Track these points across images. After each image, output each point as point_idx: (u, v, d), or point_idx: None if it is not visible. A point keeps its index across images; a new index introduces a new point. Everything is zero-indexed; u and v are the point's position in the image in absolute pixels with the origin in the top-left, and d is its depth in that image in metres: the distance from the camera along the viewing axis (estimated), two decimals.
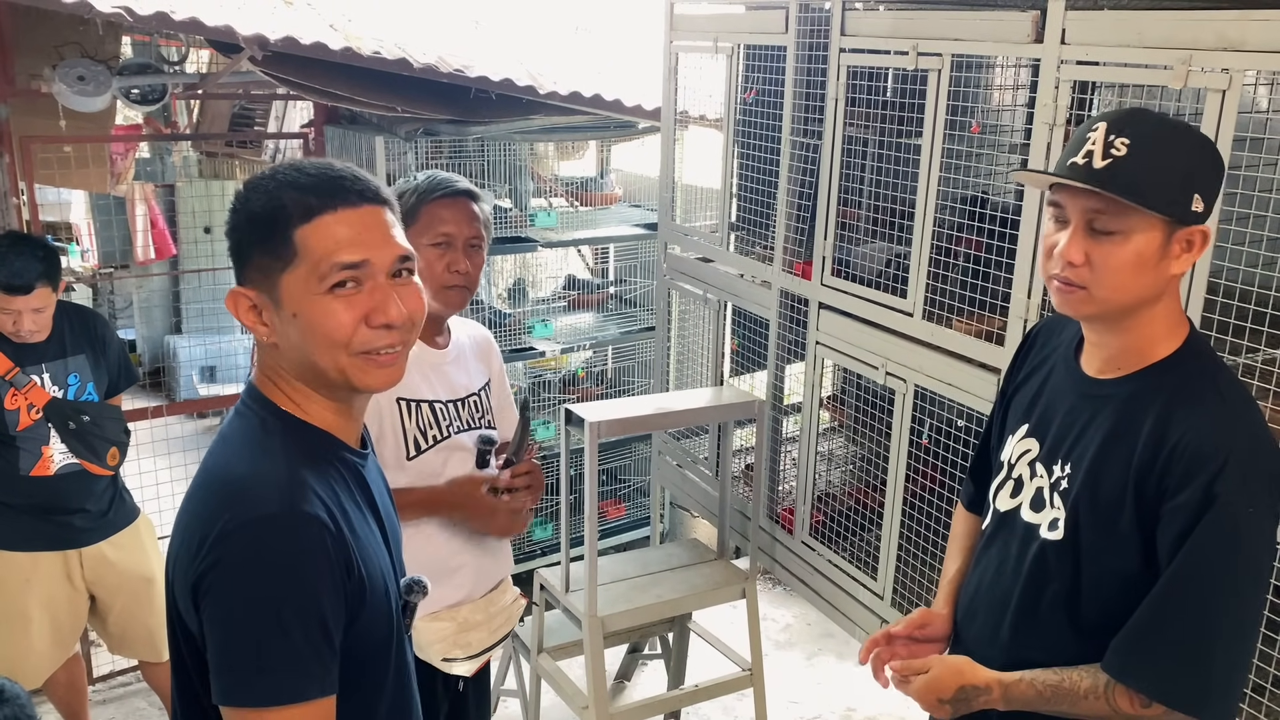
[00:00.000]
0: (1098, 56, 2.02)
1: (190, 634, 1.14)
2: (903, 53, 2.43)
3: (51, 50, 3.47)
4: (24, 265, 2.58)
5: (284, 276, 1.15)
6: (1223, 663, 1.33)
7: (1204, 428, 1.32)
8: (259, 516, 1.10)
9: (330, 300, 1.15)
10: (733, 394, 3.16)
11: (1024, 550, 1.51)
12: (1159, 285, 1.36)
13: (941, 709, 1.50)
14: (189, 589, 1.11)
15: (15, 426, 2.68)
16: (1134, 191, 1.30)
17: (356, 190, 1.18)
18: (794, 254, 2.94)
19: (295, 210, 1.15)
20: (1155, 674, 1.34)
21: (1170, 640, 1.33)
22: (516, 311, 4.30)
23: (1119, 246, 1.34)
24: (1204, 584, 1.32)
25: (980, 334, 2.35)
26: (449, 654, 2.05)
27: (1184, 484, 1.31)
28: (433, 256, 2.00)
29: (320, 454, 1.20)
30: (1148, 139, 1.32)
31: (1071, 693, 1.40)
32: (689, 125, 3.49)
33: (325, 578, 1.11)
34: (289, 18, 3.46)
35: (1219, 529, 1.29)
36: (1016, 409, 1.61)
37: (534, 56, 3.94)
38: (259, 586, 1.08)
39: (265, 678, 1.08)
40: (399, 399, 1.97)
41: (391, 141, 3.75)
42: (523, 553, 4.17)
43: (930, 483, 2.59)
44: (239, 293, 1.19)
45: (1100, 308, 1.39)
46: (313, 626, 1.10)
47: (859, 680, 3.72)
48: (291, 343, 1.18)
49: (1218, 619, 1.32)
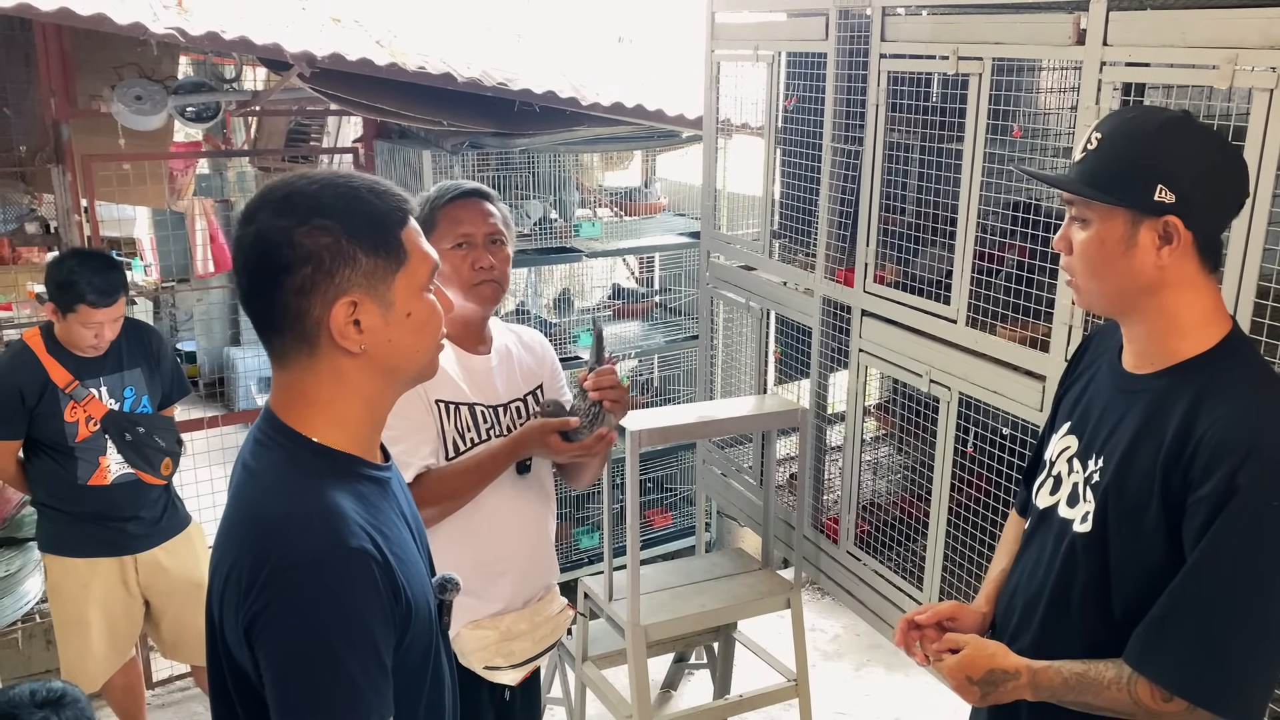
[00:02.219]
0: (1141, 58, 1.98)
1: (237, 668, 1.16)
2: (944, 57, 2.41)
3: (111, 71, 3.58)
4: (112, 278, 2.70)
5: (398, 277, 1.19)
6: (1245, 658, 1.32)
7: (1230, 420, 1.31)
8: (306, 557, 1.10)
9: (429, 298, 1.23)
10: (775, 403, 3.15)
11: (1057, 544, 1.52)
12: (1139, 275, 1.38)
13: (970, 689, 1.50)
14: (241, 630, 1.13)
15: (75, 438, 2.77)
16: (1091, 182, 1.38)
17: (408, 198, 1.24)
18: (836, 261, 2.92)
19: (395, 214, 1.20)
20: (1174, 666, 1.33)
21: (1189, 633, 1.32)
22: (563, 321, 4.32)
23: (1087, 234, 1.42)
24: (1224, 577, 1.30)
25: (1025, 341, 2.32)
26: (491, 662, 2.05)
27: (1207, 475, 1.30)
28: (456, 259, 2.01)
29: (353, 478, 1.21)
30: (1115, 133, 1.39)
31: (1096, 682, 1.39)
32: (731, 134, 3.49)
33: (376, 609, 1.13)
34: (336, 35, 3.53)
35: (1241, 521, 1.28)
36: (1063, 410, 1.63)
37: (576, 68, 3.97)
38: (313, 627, 1.09)
39: (327, 716, 1.10)
40: (438, 400, 1.98)
41: (439, 155, 3.80)
42: (569, 561, 4.18)
43: (977, 492, 2.55)
44: (345, 302, 1.15)
45: (1087, 297, 1.46)
46: (369, 659, 1.11)
47: (907, 692, 3.67)
48: (395, 344, 1.20)
49: (1238, 613, 1.31)
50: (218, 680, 1.21)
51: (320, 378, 1.19)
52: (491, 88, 3.50)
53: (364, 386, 1.21)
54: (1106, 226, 1.38)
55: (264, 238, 1.15)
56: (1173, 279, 1.38)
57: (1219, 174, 1.37)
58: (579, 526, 4.30)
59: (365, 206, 1.18)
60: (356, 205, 1.17)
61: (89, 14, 2.93)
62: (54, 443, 2.77)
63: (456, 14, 4.31)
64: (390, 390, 1.25)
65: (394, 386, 1.26)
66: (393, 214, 1.20)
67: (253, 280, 1.18)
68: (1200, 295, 1.40)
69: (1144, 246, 1.36)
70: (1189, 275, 1.38)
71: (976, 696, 1.50)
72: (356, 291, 1.16)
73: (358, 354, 1.18)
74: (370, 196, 1.19)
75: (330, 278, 1.15)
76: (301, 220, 1.14)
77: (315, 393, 1.20)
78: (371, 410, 1.24)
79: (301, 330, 1.17)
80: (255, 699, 1.15)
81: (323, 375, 1.19)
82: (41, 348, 2.75)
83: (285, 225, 1.15)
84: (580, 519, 4.34)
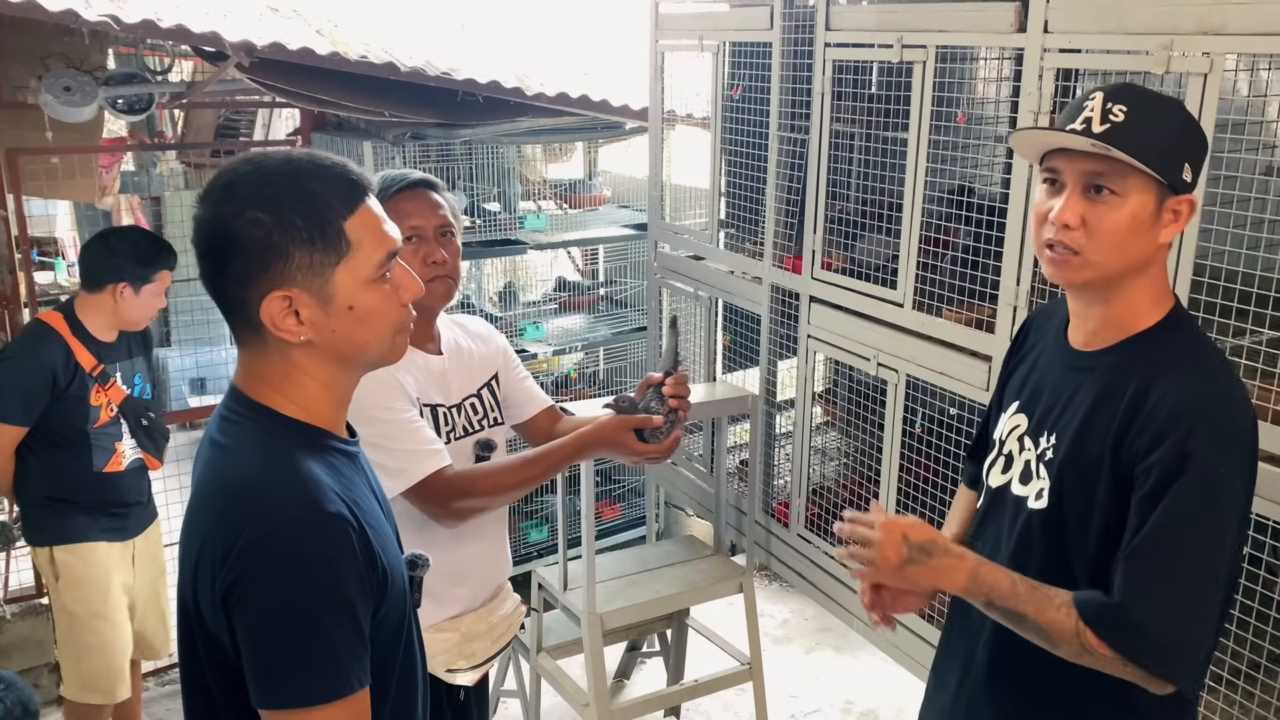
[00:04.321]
0: (1080, 44, 2.04)
1: (212, 642, 1.14)
2: (887, 46, 2.45)
3: (37, 61, 3.46)
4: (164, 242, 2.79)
5: (338, 270, 1.15)
6: (1192, 625, 1.34)
7: (1179, 391, 1.34)
8: (284, 522, 1.10)
9: (380, 287, 1.18)
10: (726, 390, 3.18)
11: (1013, 522, 1.53)
12: (1149, 252, 1.39)
13: (899, 550, 1.40)
14: (218, 600, 1.11)
15: (94, 423, 2.71)
16: (1136, 152, 1.32)
17: (366, 180, 1.21)
18: (784, 249, 2.96)
19: (340, 202, 1.15)
20: (1126, 632, 1.33)
21: (1142, 601, 1.33)
22: (508, 315, 4.31)
23: (1115, 209, 1.36)
24: (1176, 542, 1.32)
25: (970, 323, 2.37)
26: (453, 664, 2.03)
27: (1155, 444, 1.33)
28: (405, 254, 1.92)
29: (323, 449, 1.20)
30: (1144, 107, 1.36)
31: (1046, 598, 1.37)
32: (676, 124, 3.51)
33: (354, 575, 1.12)
34: (275, 24, 3.46)
35: (1192, 488, 1.31)
36: (1010, 389, 1.64)
37: (520, 58, 3.95)
38: (292, 591, 1.09)
39: (306, 679, 1.09)
40: (416, 399, 1.94)
41: (379, 146, 3.75)
42: (519, 555, 4.17)
43: (924, 471, 2.61)
44: (278, 295, 1.13)
45: (1094, 272, 1.40)
46: (347, 623, 1.11)
47: (856, 673, 3.73)
48: (340, 335, 1.17)
49: (1188, 578, 1.33)
50: (191, 666, 1.19)
51: (271, 361, 1.19)
52: (435, 77, 3.47)
53: (317, 371, 1.20)
54: (1141, 200, 1.35)
55: (204, 224, 1.16)
56: (1159, 257, 1.41)
57: (1204, 158, 1.42)
58: (527, 520, 4.29)
59: (306, 195, 1.14)
60: (296, 194, 1.13)
61: (19, 0, 2.83)
62: (70, 430, 2.68)
63: (398, 3, 4.26)
64: (347, 374, 1.24)
65: (349, 371, 1.24)
66: (338, 201, 1.15)
67: (201, 266, 1.18)
68: (1163, 273, 1.44)
69: (1161, 224, 1.37)
70: (1165, 253, 1.42)
71: (901, 557, 1.41)
72: (290, 285, 1.14)
73: (300, 344, 1.17)
74: (315, 183, 1.15)
75: (265, 270, 1.13)
76: (238, 211, 1.13)
77: (270, 375, 1.20)
78: (331, 390, 1.22)
79: (245, 318, 1.17)
80: (232, 680, 1.13)
81: (273, 360, 1.19)
82: (66, 329, 2.67)
83: (224, 214, 1.14)
84: (529, 512, 4.32)
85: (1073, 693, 1.46)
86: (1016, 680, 1.53)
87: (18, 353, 2.67)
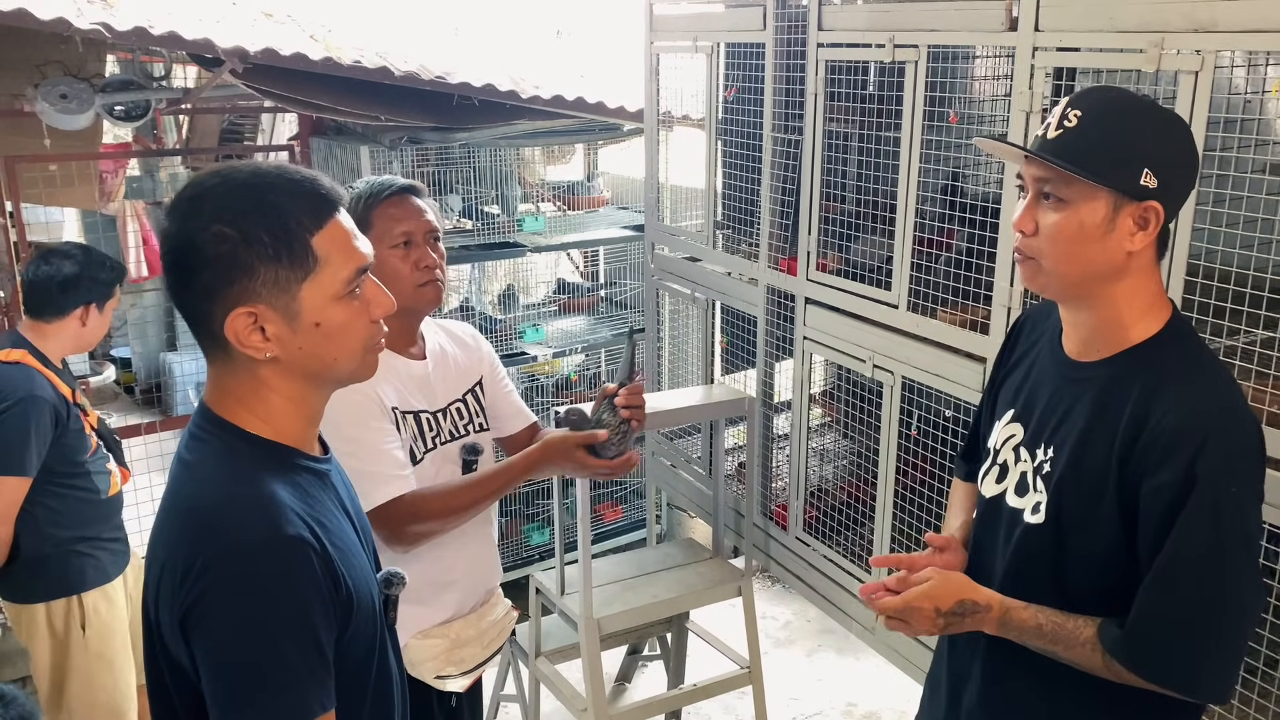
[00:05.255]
0: (1072, 43, 2.02)
1: (175, 664, 1.13)
2: (880, 45, 2.43)
3: (34, 69, 3.48)
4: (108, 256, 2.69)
5: (304, 286, 1.13)
6: (1219, 644, 1.33)
7: (1184, 407, 1.31)
8: (242, 544, 1.08)
9: (349, 303, 1.16)
10: (723, 392, 3.16)
11: (1009, 534, 1.51)
12: (1111, 260, 1.36)
13: (935, 622, 1.44)
14: (176, 622, 1.10)
15: (89, 452, 2.60)
16: (1075, 160, 1.31)
17: (337, 194, 1.18)
18: (779, 250, 2.94)
19: (308, 217, 1.14)
20: (1153, 661, 1.34)
21: (1165, 629, 1.33)
22: (508, 317, 4.30)
23: (1063, 216, 1.35)
24: (1193, 568, 1.31)
25: (965, 324, 2.35)
26: (442, 671, 2.02)
27: (1163, 463, 1.30)
28: (397, 259, 1.93)
29: (290, 469, 1.19)
30: (1099, 111, 1.34)
31: (1072, 636, 1.39)
32: (672, 126, 3.49)
33: (314, 597, 1.11)
34: (269, 30, 3.47)
35: (1203, 511, 1.29)
36: (1004, 395, 1.61)
37: (515, 61, 3.95)
38: (249, 613, 1.07)
39: (266, 704, 1.08)
40: (394, 408, 1.94)
41: (377, 151, 3.75)
42: (520, 558, 4.17)
43: (921, 474, 2.59)
44: (243, 312, 1.11)
45: (1051, 280, 1.39)
46: (307, 646, 1.09)
47: (859, 676, 3.71)
48: (307, 352, 1.16)
49: (1209, 602, 1.32)
50: (157, 685, 1.18)
51: (239, 377, 1.18)
52: (429, 81, 3.46)
53: (285, 388, 1.18)
54: (1089, 208, 1.33)
55: (170, 238, 1.14)
56: (1134, 265, 1.37)
57: (1187, 161, 1.38)
58: (529, 523, 4.28)
59: (272, 210, 1.12)
60: (262, 209, 1.12)
61: (10, 8, 2.84)
62: (71, 466, 2.57)
63: (392, 8, 4.26)
64: (316, 391, 1.22)
65: (318, 388, 1.22)
66: (306, 216, 1.13)
67: (168, 279, 1.16)
68: (1149, 281, 1.40)
69: (1121, 231, 1.33)
70: (1146, 262, 1.38)
71: (938, 628, 1.45)
72: (255, 302, 1.12)
73: (267, 361, 1.15)
74: (282, 198, 1.13)
75: (229, 286, 1.11)
76: (203, 225, 1.11)
77: (238, 390, 1.18)
78: (300, 407, 1.21)
79: (211, 333, 1.15)
80: (196, 701, 1.12)
81: (240, 375, 1.18)
82: (37, 364, 2.53)
83: (189, 228, 1.12)
84: (530, 515, 4.32)
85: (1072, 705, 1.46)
86: (1015, 693, 1.52)
87: (18, 398, 2.45)
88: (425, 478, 1.98)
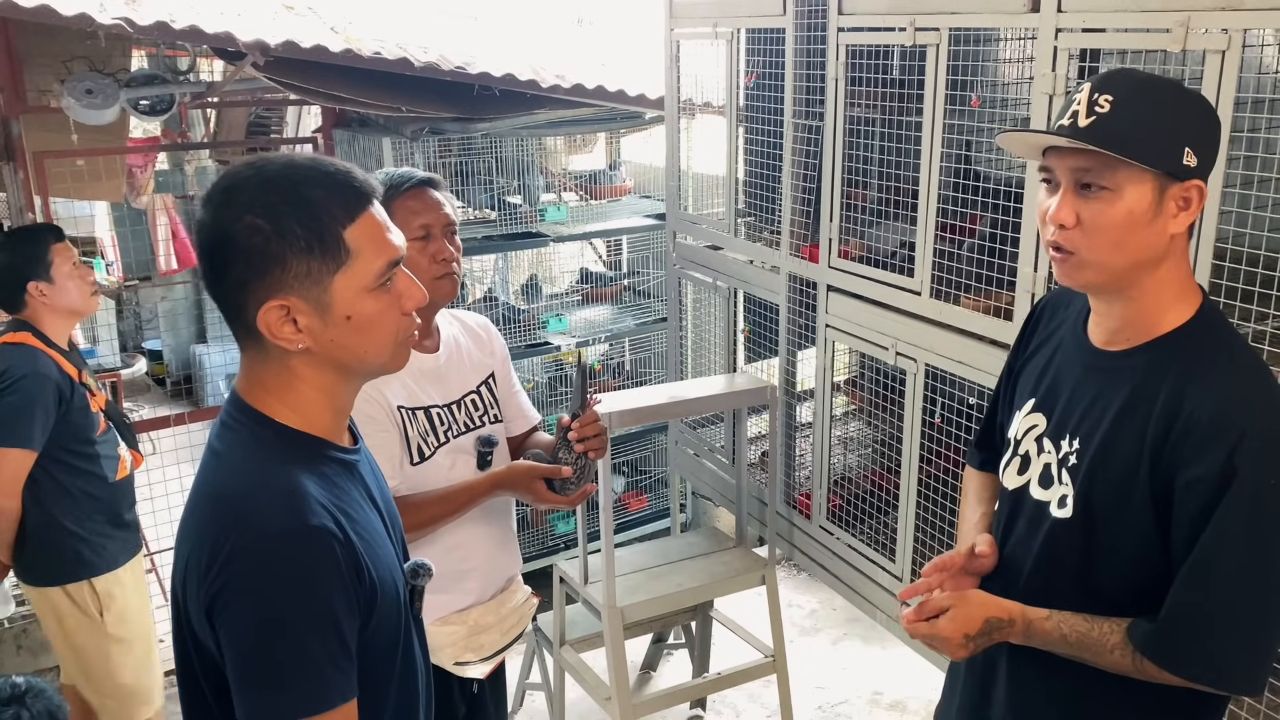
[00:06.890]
0: (1096, 23, 1.98)
1: (202, 648, 1.15)
2: (901, 29, 2.40)
3: (59, 65, 3.51)
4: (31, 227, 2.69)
5: (336, 279, 1.14)
6: (1257, 639, 1.31)
7: (1219, 399, 1.28)
8: (266, 534, 1.09)
9: (380, 296, 1.17)
10: (745, 380, 3.15)
11: (1034, 528, 1.47)
12: (1157, 246, 1.31)
13: (965, 647, 1.42)
14: (202, 610, 1.12)
15: (96, 431, 2.63)
16: (1120, 145, 1.26)
17: (370, 186, 1.18)
18: (801, 238, 2.92)
19: (341, 209, 1.14)
20: (1188, 657, 1.31)
21: (1203, 625, 1.30)
22: (532, 307, 4.30)
23: (1109, 204, 1.29)
24: (1233, 562, 1.28)
25: (988, 310, 2.32)
26: (461, 657, 2.04)
27: (1199, 456, 1.27)
28: (414, 251, 1.93)
29: (318, 459, 1.20)
30: (1131, 94, 1.29)
31: (1099, 644, 1.37)
32: (694, 113, 3.47)
33: (337, 588, 1.12)
34: (289, 22, 3.48)
35: (1243, 504, 1.26)
36: (1024, 384, 1.57)
37: (535, 51, 3.94)
38: (272, 603, 1.08)
39: (287, 692, 1.09)
40: (399, 407, 1.95)
41: (399, 142, 3.76)
42: (545, 547, 4.18)
43: (945, 462, 2.57)
44: (275, 304, 1.12)
45: (1097, 273, 1.34)
46: (329, 636, 1.11)
47: (885, 664, 3.69)
48: (338, 344, 1.16)
49: (1249, 596, 1.29)
50: (184, 667, 1.20)
51: (271, 367, 1.18)
52: (449, 71, 3.46)
53: (316, 379, 1.19)
54: (1136, 193, 1.28)
55: (205, 229, 1.14)
56: (1173, 249, 1.33)
57: (1217, 138, 1.35)
58: (555, 512, 4.29)
59: (304, 202, 1.12)
60: (294, 201, 1.12)
61: (32, 5, 2.86)
62: (79, 445, 2.59)
63: None
64: (347, 382, 1.23)
65: (349, 380, 1.23)
66: (338, 209, 1.13)
67: (202, 269, 1.17)
68: (1182, 264, 1.36)
69: (1165, 215, 1.29)
70: (1182, 245, 1.34)
71: (970, 650, 1.44)
72: (287, 294, 1.12)
73: (299, 352, 1.16)
74: (314, 190, 1.13)
75: (261, 277, 1.12)
76: (236, 216, 1.11)
77: (270, 380, 1.19)
78: (330, 398, 1.22)
79: (244, 324, 1.16)
80: (222, 683, 1.13)
81: (272, 366, 1.18)
82: (38, 342, 2.55)
83: (223, 219, 1.13)
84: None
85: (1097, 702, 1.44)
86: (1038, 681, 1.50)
87: (22, 374, 2.49)
88: (439, 471, 1.99)
